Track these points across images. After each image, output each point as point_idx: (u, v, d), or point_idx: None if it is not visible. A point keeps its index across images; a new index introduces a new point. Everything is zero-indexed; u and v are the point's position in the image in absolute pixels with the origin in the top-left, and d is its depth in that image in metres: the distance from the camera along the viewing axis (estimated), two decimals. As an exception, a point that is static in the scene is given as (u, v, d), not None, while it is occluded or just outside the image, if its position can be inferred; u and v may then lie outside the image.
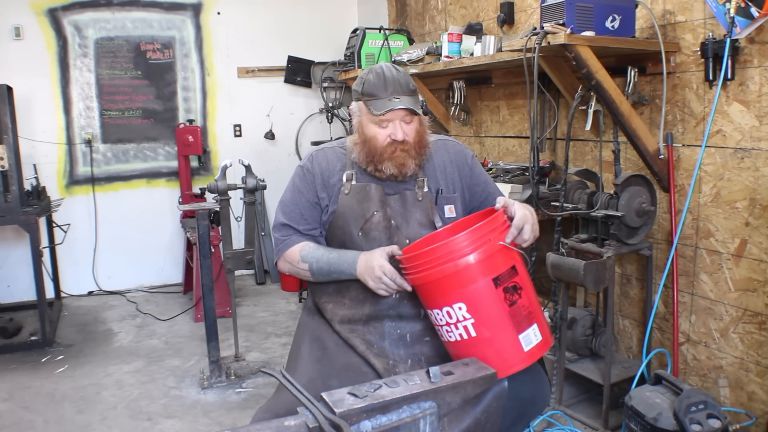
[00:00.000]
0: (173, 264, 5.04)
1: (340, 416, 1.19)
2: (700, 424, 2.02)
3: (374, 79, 1.75)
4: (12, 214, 3.63)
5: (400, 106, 1.71)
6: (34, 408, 2.96)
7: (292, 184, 1.88)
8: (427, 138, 1.83)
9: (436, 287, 1.51)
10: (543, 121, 3.25)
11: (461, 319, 1.49)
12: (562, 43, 2.31)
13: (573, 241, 2.61)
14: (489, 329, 1.48)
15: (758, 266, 2.30)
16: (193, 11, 4.89)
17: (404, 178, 1.80)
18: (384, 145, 1.75)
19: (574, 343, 2.76)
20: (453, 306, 1.49)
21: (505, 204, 1.58)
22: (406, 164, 1.76)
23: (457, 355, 1.55)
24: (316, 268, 1.76)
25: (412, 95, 1.76)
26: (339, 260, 1.73)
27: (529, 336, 1.51)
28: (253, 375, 3.25)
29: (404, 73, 1.78)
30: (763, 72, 2.22)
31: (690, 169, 2.52)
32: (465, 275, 1.47)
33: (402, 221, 1.79)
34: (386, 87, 1.72)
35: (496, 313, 1.48)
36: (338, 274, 1.73)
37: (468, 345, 1.50)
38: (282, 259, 1.85)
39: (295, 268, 1.81)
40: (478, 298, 1.48)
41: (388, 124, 1.75)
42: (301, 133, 5.30)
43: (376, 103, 1.72)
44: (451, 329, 1.52)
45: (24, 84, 4.28)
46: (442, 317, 1.52)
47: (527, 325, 1.51)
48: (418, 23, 4.54)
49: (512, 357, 1.48)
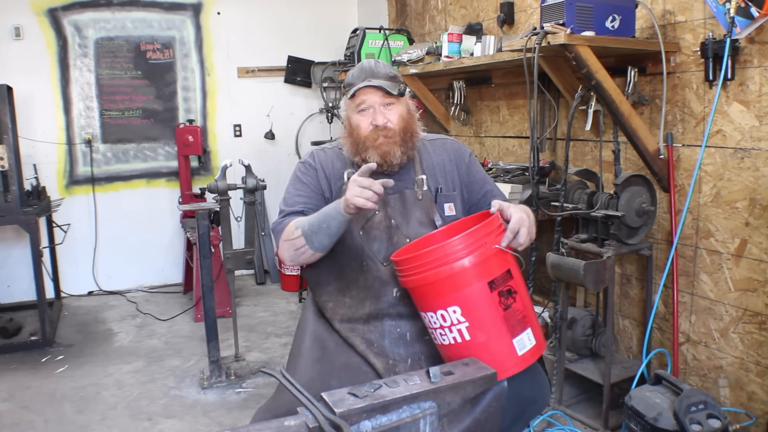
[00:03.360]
0: (173, 264, 5.04)
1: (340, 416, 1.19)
2: (700, 424, 2.02)
3: (355, 70, 1.81)
4: (12, 214, 3.63)
5: (367, 84, 1.73)
6: (34, 408, 2.96)
7: (293, 178, 1.87)
8: (414, 126, 1.82)
9: (431, 290, 1.51)
10: (543, 121, 3.25)
11: (455, 323, 1.48)
12: (562, 43, 2.31)
13: (573, 241, 2.61)
14: (483, 333, 1.48)
15: (758, 266, 2.30)
16: (193, 11, 4.89)
17: (391, 168, 1.78)
18: (367, 133, 1.76)
19: (574, 343, 2.76)
20: (447, 309, 1.48)
21: (501, 207, 1.57)
22: (391, 152, 1.75)
23: (450, 359, 1.54)
24: (308, 228, 1.67)
25: (390, 80, 1.77)
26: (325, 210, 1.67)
27: (523, 340, 1.50)
28: (253, 375, 3.25)
29: (385, 64, 1.82)
30: (763, 72, 2.22)
31: (690, 169, 2.52)
32: (460, 278, 1.46)
33: (402, 220, 1.79)
34: (362, 74, 1.78)
35: (490, 316, 1.48)
36: (328, 220, 1.63)
37: (462, 348, 1.50)
38: (281, 241, 1.76)
39: (291, 242, 1.71)
40: (473, 301, 1.47)
41: (368, 110, 1.76)
42: (301, 133, 5.30)
43: (352, 89, 1.77)
44: (445, 332, 1.51)
45: (24, 84, 4.28)
46: (436, 320, 1.52)
47: (521, 329, 1.50)
48: (418, 23, 4.54)
49: (506, 361, 1.48)
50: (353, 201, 1.52)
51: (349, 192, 1.53)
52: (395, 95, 1.77)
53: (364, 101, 1.76)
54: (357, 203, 1.51)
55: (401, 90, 1.79)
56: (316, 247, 1.66)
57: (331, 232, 1.63)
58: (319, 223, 1.64)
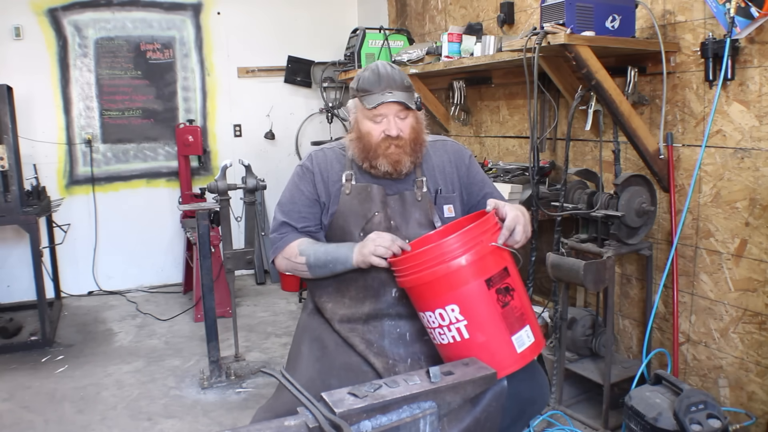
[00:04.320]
0: (173, 264, 5.04)
1: (340, 416, 1.19)
2: (700, 424, 2.02)
3: (369, 75, 1.78)
4: (12, 214, 3.63)
5: (391, 99, 1.72)
6: (34, 408, 2.96)
7: (291, 183, 1.88)
8: (423, 136, 1.83)
9: (428, 289, 1.51)
10: (543, 121, 3.25)
11: (454, 321, 1.49)
12: (562, 43, 2.31)
13: (573, 241, 2.61)
14: (482, 331, 1.48)
15: (758, 266, 2.30)
16: (193, 11, 4.89)
17: (399, 176, 1.80)
18: (378, 141, 1.75)
19: (574, 343, 2.76)
20: (446, 308, 1.49)
21: (496, 206, 1.59)
22: (401, 161, 1.77)
23: (449, 358, 1.54)
24: (313, 260, 1.75)
25: (407, 91, 1.77)
26: (336, 249, 1.74)
27: (521, 337, 1.50)
28: (253, 375, 3.25)
29: (399, 71, 1.80)
30: (763, 72, 2.22)
31: (690, 169, 2.52)
32: (457, 277, 1.47)
33: (401, 221, 1.79)
34: (380, 82, 1.75)
35: (488, 314, 1.48)
36: (334, 263, 1.72)
37: (461, 347, 1.50)
38: (280, 256, 1.84)
39: (292, 263, 1.80)
40: (471, 299, 1.48)
41: (382, 119, 1.76)
42: (301, 133, 5.30)
43: (370, 98, 1.75)
44: (444, 332, 1.52)
45: (24, 84, 4.28)
46: (435, 319, 1.52)
47: (520, 326, 1.50)
48: (418, 23, 4.54)
49: (506, 359, 1.48)
50: (370, 260, 1.61)
51: (367, 249, 1.61)
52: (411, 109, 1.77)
53: (381, 114, 1.75)
54: (373, 262, 1.61)
55: (418, 104, 1.79)
56: (315, 275, 1.79)
57: (335, 271, 1.74)
58: (326, 262, 1.73)
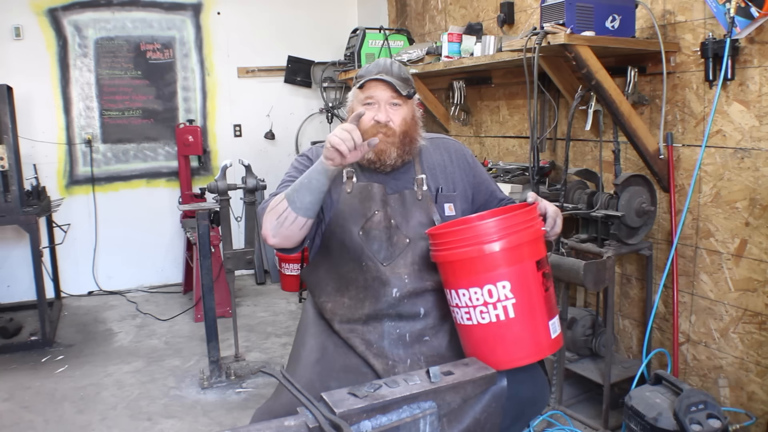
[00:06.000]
0: (173, 264, 5.04)
1: (340, 416, 1.19)
2: (700, 424, 2.02)
3: (370, 65, 1.81)
4: (12, 214, 3.63)
5: (381, 78, 1.73)
6: (34, 408, 2.96)
7: (289, 167, 1.87)
8: (415, 132, 1.82)
9: (482, 262, 1.48)
10: (543, 121, 3.25)
11: (502, 299, 1.47)
12: (562, 43, 2.31)
13: (573, 241, 2.61)
14: (529, 310, 1.49)
15: (758, 266, 2.30)
16: (193, 11, 4.89)
17: (384, 167, 1.78)
18: (367, 127, 1.74)
19: (574, 343, 2.76)
20: (497, 284, 1.47)
21: (537, 199, 1.64)
22: (386, 151, 1.75)
23: (478, 341, 1.51)
24: (290, 191, 1.62)
25: (402, 81, 1.77)
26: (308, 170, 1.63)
27: (555, 324, 1.54)
28: (253, 375, 3.25)
29: (400, 65, 1.81)
30: (763, 72, 2.22)
31: (690, 169, 2.52)
32: (515, 253, 1.47)
33: (402, 220, 1.79)
34: (376, 67, 1.78)
35: (536, 295, 1.50)
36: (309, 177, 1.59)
37: (502, 327, 1.48)
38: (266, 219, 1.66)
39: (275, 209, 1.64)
40: (523, 277, 1.48)
41: (373, 105, 1.76)
42: (301, 133, 5.30)
43: (363, 80, 1.77)
44: (488, 310, 1.48)
45: (24, 84, 4.28)
46: (480, 296, 1.48)
47: (554, 313, 1.54)
48: (418, 23, 4.54)
49: (544, 341, 1.50)
50: (330, 139, 1.52)
51: (331, 134, 1.54)
52: (404, 96, 1.77)
53: (372, 96, 1.76)
54: (332, 141, 1.50)
55: (410, 92, 1.79)
56: (298, 208, 1.59)
57: (312, 187, 1.58)
58: (301, 180, 1.61)
